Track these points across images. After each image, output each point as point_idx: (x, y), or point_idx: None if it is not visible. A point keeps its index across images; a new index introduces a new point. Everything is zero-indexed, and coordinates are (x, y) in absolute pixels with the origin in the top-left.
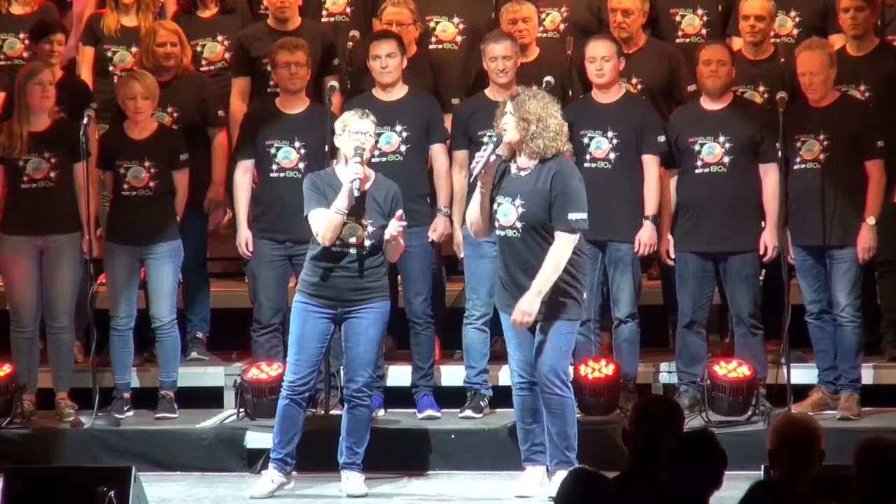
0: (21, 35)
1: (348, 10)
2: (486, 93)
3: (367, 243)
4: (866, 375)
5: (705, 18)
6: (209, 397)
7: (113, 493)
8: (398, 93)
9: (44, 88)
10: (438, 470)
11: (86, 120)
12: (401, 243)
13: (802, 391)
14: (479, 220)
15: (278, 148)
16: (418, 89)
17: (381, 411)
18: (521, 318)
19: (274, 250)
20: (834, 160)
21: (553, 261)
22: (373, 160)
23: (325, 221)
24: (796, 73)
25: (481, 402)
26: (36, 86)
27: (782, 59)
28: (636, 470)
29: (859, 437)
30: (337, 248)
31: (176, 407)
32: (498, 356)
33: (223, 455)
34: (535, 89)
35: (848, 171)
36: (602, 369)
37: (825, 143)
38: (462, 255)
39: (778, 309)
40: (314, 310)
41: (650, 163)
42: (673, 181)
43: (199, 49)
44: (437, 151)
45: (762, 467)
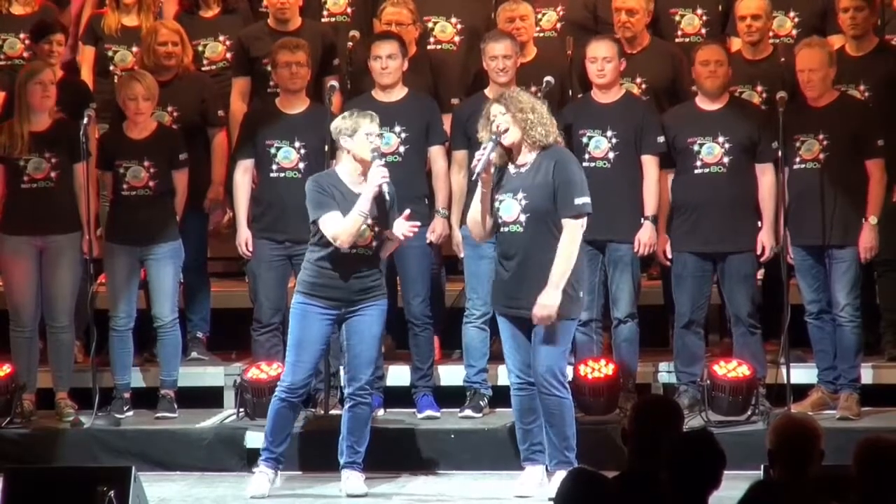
0: (21, 35)
1: (349, 10)
2: (486, 93)
3: (374, 244)
4: (866, 375)
5: (705, 18)
6: (209, 397)
7: (113, 493)
8: (397, 94)
9: (44, 88)
10: (438, 470)
11: (86, 120)
12: (400, 240)
13: (802, 391)
14: (481, 222)
15: (278, 148)
16: (418, 90)
17: (381, 411)
18: (543, 312)
19: (273, 250)
20: (833, 160)
21: (567, 251)
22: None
23: (348, 225)
24: (796, 72)
25: (481, 402)
26: (37, 85)
27: (782, 59)
28: (636, 470)
29: (859, 437)
30: (345, 250)
31: (176, 407)
32: (498, 356)
33: (223, 455)
34: (516, 88)
35: (847, 170)
36: (602, 369)
37: (824, 142)
38: (462, 255)
39: (777, 309)
40: (318, 311)
41: (649, 163)
42: (668, 181)
43: (200, 49)
44: (435, 153)
45: (762, 467)
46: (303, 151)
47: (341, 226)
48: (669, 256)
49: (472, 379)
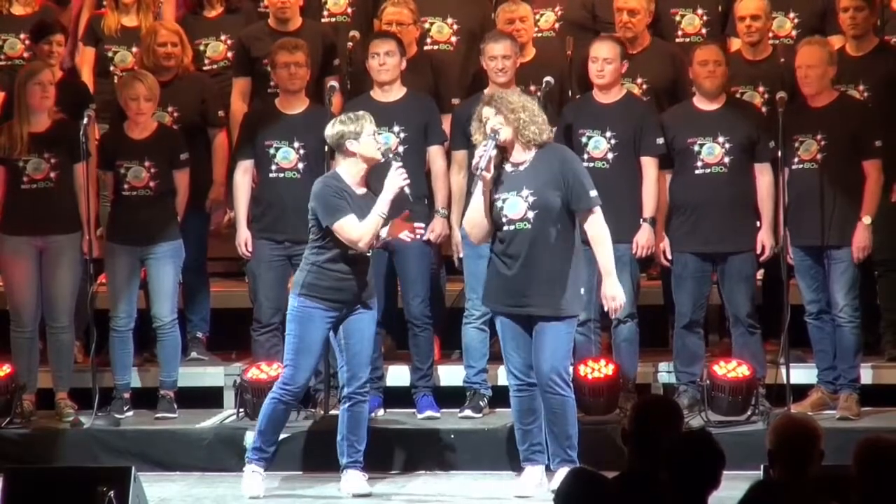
0: (21, 35)
1: (349, 10)
2: (486, 93)
3: (406, 237)
4: (866, 375)
5: (705, 18)
6: (209, 397)
7: (113, 493)
8: (396, 94)
9: (44, 88)
10: (438, 470)
11: (85, 120)
12: (406, 241)
13: (802, 391)
14: (480, 224)
15: (277, 148)
16: (417, 90)
17: (381, 411)
18: (617, 303)
19: (273, 250)
20: (832, 160)
21: (604, 238)
22: (384, 160)
23: (370, 227)
24: (795, 72)
25: (481, 402)
26: (36, 86)
27: (782, 60)
28: (636, 470)
29: (859, 437)
30: (353, 252)
31: (176, 407)
32: (497, 356)
33: (223, 455)
34: (506, 89)
35: (846, 171)
36: (602, 369)
37: (823, 143)
38: (461, 255)
39: (777, 309)
40: (322, 314)
41: (648, 165)
42: (667, 181)
43: (202, 48)
44: (434, 153)
45: (762, 467)
46: (302, 152)
47: (363, 228)
48: (669, 257)
49: (472, 379)
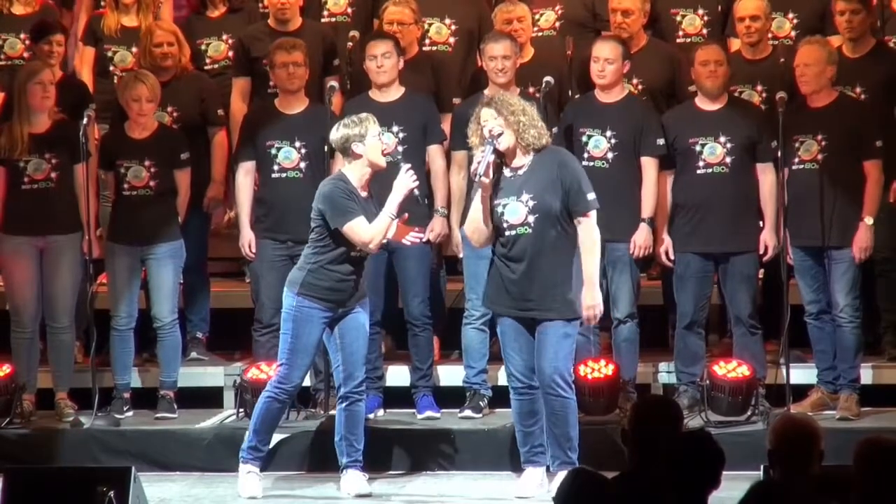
0: (21, 35)
1: (349, 10)
2: (486, 93)
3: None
4: (866, 375)
5: (706, 18)
6: (209, 397)
7: (113, 493)
8: (395, 94)
9: (44, 88)
10: (438, 470)
11: (85, 120)
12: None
13: (802, 391)
14: (481, 228)
15: (279, 148)
16: (416, 90)
17: (381, 411)
18: (592, 312)
19: (276, 250)
20: (832, 160)
21: (592, 246)
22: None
23: (380, 228)
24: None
25: (481, 403)
26: (37, 86)
27: (781, 60)
28: (636, 470)
29: (859, 437)
30: (356, 253)
31: (176, 407)
32: (497, 356)
33: (223, 455)
34: (504, 91)
35: (846, 171)
36: (602, 369)
37: (823, 143)
38: (461, 256)
39: (777, 309)
40: (319, 314)
41: (648, 165)
42: (669, 182)
43: (203, 47)
44: (433, 153)
45: (762, 467)
46: (303, 151)
47: (373, 230)
48: (671, 257)
49: (472, 380)
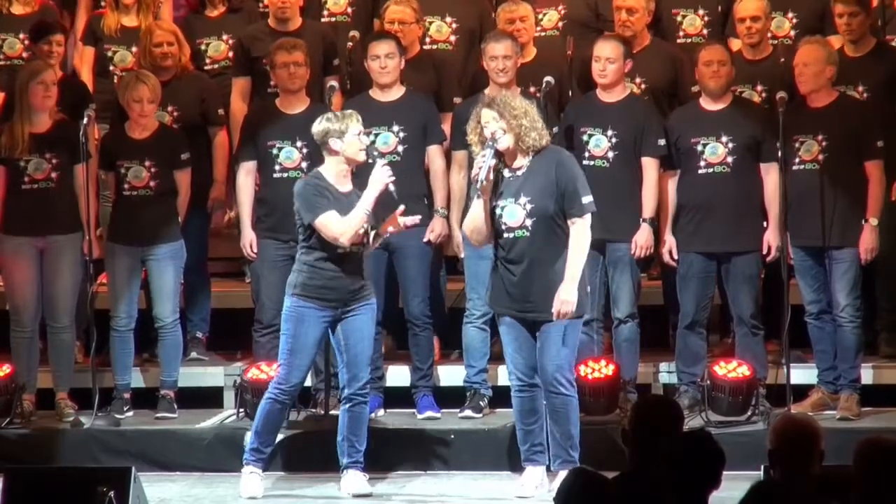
0: (21, 35)
1: (349, 10)
2: (487, 93)
3: (366, 242)
4: (866, 375)
5: (706, 19)
6: (209, 397)
7: (113, 493)
8: (395, 93)
9: (46, 88)
10: (438, 470)
11: (85, 120)
12: (402, 229)
13: (802, 391)
14: (481, 229)
15: (280, 148)
16: (416, 90)
17: (381, 411)
18: (565, 308)
19: (278, 250)
20: (832, 161)
21: (581, 246)
22: (370, 161)
23: (352, 222)
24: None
25: (481, 402)
26: (38, 85)
27: (782, 60)
28: (636, 470)
29: (859, 437)
30: (342, 249)
31: (176, 407)
32: (498, 356)
33: (223, 455)
34: (505, 91)
35: (847, 171)
36: (602, 369)
37: (824, 143)
38: (462, 256)
39: (778, 309)
40: (316, 313)
41: (649, 165)
42: (672, 182)
43: (203, 47)
44: (433, 153)
45: (762, 467)
46: (305, 151)
47: (345, 224)
48: (675, 257)
49: (472, 379)
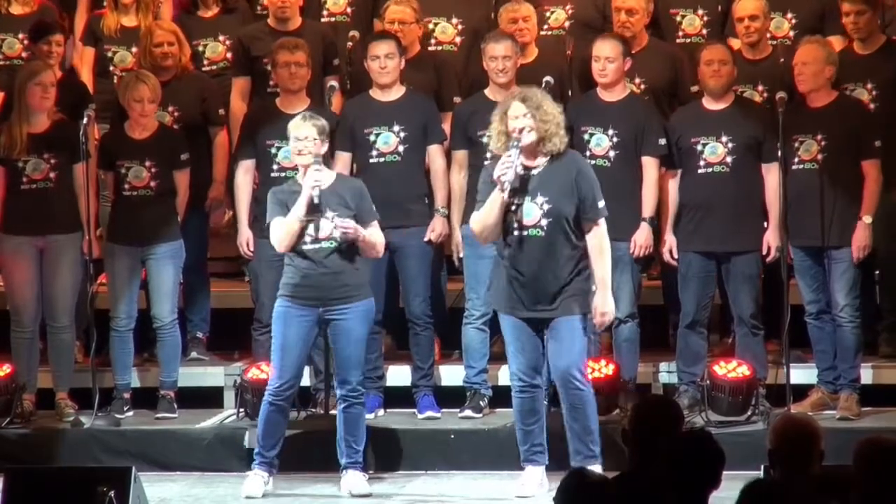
0: (20, 35)
1: (349, 10)
2: (486, 93)
3: (337, 235)
4: (865, 375)
5: (706, 19)
6: (209, 397)
7: (113, 493)
8: (396, 93)
9: (44, 89)
10: (438, 470)
11: (85, 120)
12: (367, 241)
13: (802, 391)
14: (493, 227)
15: (279, 147)
16: (416, 90)
17: (381, 411)
18: (607, 319)
19: (275, 249)
20: (831, 160)
21: (606, 251)
22: (371, 160)
23: (285, 228)
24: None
25: (481, 402)
26: (37, 86)
27: (781, 60)
28: (636, 470)
29: (859, 437)
30: (310, 246)
31: (176, 407)
32: (498, 356)
33: (223, 455)
34: (537, 88)
35: (846, 171)
36: (602, 369)
37: (823, 143)
38: (462, 255)
39: (777, 309)
40: (296, 312)
41: (649, 165)
42: (674, 182)
43: (200, 49)
44: (434, 152)
45: (762, 467)
46: None
47: (280, 230)
48: (675, 256)
49: (472, 379)
